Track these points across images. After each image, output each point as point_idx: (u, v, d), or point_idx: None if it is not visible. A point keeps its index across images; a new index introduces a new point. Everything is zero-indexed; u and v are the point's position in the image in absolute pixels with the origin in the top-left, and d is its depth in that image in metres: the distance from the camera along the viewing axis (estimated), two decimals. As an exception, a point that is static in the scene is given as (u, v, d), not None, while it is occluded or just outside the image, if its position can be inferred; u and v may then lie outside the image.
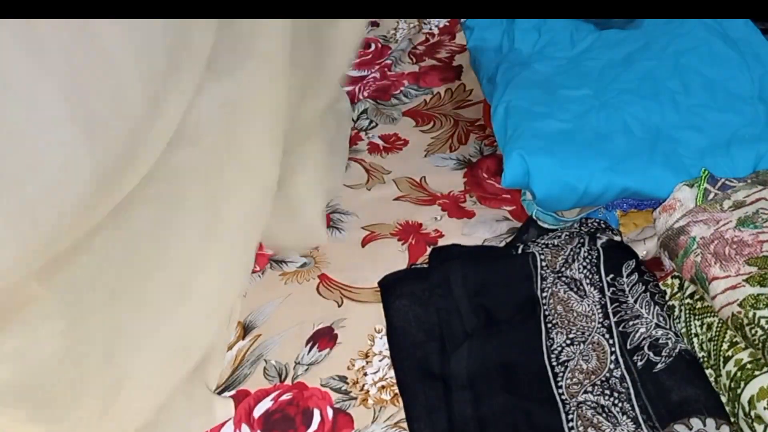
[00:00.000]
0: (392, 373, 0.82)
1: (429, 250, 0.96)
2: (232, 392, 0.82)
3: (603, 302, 0.81)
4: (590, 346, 0.78)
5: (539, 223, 0.95)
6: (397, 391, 0.81)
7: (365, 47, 1.42)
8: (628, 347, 0.75)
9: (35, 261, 0.51)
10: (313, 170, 0.97)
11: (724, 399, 0.69)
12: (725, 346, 0.71)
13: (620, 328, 0.77)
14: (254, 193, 0.77)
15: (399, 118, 1.23)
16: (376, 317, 0.89)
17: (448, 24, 1.45)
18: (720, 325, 0.73)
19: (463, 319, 0.84)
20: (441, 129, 1.19)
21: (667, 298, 0.81)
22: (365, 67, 1.36)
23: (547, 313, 0.83)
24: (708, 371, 0.72)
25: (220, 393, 0.82)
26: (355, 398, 0.81)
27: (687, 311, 0.78)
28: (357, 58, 1.39)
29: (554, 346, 0.79)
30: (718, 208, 0.80)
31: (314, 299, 0.93)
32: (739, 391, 0.67)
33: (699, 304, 0.78)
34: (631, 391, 0.72)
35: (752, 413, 0.65)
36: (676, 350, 0.72)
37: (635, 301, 0.79)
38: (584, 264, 0.85)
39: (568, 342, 0.79)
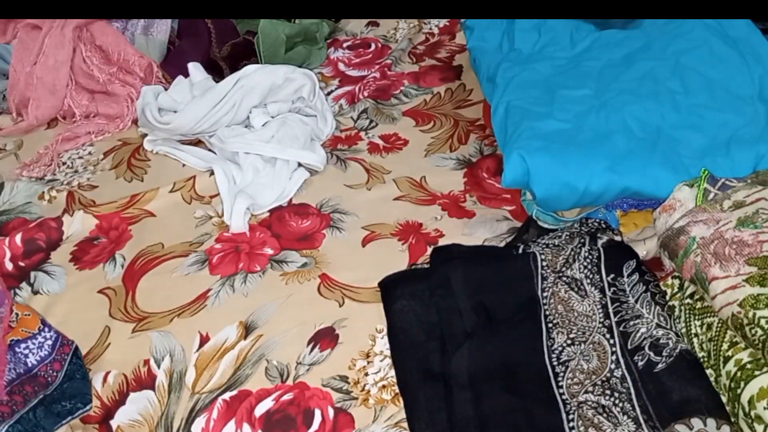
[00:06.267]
0: (393, 372, 0.82)
1: (429, 250, 0.96)
2: (234, 392, 0.83)
3: (604, 302, 0.81)
4: (591, 346, 0.78)
5: (539, 223, 0.95)
6: (397, 391, 0.81)
7: (365, 47, 1.42)
8: (629, 347, 0.75)
9: None
10: None
11: (724, 399, 0.69)
12: (725, 346, 0.72)
13: (621, 328, 0.77)
14: None
15: (399, 118, 1.23)
16: (377, 317, 0.89)
17: (448, 24, 1.45)
18: (720, 325, 0.73)
19: (464, 319, 0.84)
20: (441, 129, 1.19)
21: (667, 298, 0.81)
22: (365, 67, 1.36)
23: (547, 312, 0.83)
24: (708, 371, 0.72)
25: (221, 393, 0.83)
26: (356, 398, 0.81)
27: (687, 311, 0.79)
28: (357, 58, 1.39)
29: (555, 345, 0.80)
30: (718, 208, 0.80)
31: (315, 299, 0.93)
32: (739, 391, 0.67)
33: (699, 304, 0.78)
34: (632, 391, 0.72)
35: (752, 413, 0.65)
36: (677, 350, 0.72)
37: (636, 301, 0.79)
38: (585, 264, 0.85)
39: (569, 342, 0.79)
